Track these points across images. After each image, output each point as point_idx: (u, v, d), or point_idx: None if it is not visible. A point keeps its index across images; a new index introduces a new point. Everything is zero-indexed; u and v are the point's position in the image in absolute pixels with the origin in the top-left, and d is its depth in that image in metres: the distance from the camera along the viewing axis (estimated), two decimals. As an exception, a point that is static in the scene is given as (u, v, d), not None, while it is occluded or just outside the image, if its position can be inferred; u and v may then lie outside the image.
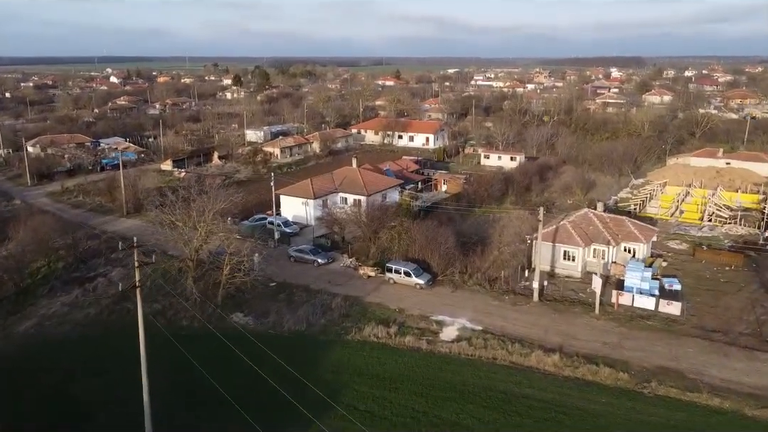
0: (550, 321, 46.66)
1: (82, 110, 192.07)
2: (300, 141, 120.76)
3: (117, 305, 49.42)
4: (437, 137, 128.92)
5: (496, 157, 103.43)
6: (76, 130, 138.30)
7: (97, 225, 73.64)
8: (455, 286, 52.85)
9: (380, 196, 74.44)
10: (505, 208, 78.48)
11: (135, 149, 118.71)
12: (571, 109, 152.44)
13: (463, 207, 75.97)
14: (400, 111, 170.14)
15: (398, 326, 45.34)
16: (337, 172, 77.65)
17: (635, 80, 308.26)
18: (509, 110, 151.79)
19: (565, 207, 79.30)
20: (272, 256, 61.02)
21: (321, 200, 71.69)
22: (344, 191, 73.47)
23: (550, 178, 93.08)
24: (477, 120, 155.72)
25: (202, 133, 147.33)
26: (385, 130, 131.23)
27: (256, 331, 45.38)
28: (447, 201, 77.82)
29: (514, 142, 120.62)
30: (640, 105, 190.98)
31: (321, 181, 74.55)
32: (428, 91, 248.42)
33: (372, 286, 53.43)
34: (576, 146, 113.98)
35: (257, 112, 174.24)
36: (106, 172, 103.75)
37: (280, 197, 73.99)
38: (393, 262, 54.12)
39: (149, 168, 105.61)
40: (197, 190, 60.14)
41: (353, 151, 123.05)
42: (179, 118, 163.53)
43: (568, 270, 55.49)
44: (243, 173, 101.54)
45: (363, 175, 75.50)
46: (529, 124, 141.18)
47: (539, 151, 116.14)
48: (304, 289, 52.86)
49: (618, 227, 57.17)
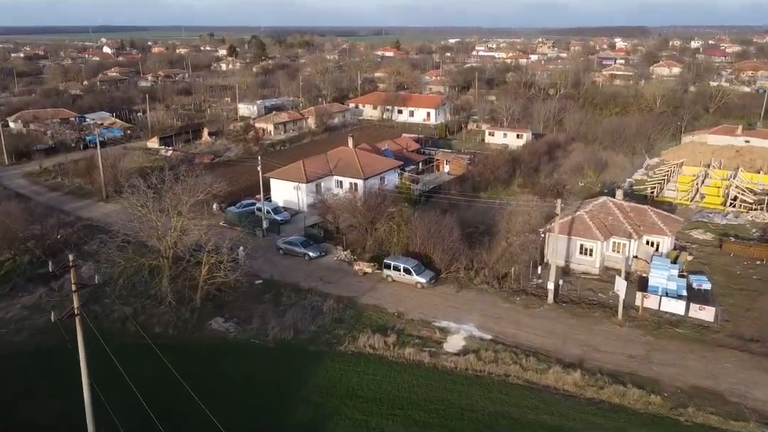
0: (567, 328, 41.34)
1: (71, 82, 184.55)
2: (294, 116, 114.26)
3: (83, 308, 43.89)
4: (439, 112, 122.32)
5: (502, 134, 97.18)
6: (61, 104, 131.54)
7: (73, 210, 68.01)
8: (460, 285, 47.43)
9: (378, 179, 68.62)
10: (512, 191, 72.76)
11: (121, 125, 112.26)
12: (578, 81, 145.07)
13: (467, 191, 70.18)
14: (400, 84, 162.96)
15: (397, 334, 40.05)
16: (332, 153, 71.62)
17: (641, 51, 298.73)
18: (514, 83, 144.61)
19: (576, 190, 73.57)
20: (260, 248, 55.47)
21: (314, 184, 65.89)
22: (339, 174, 67.59)
23: (559, 158, 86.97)
24: (480, 93, 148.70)
25: (193, 107, 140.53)
26: (384, 104, 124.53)
27: (237, 341, 40.16)
28: (450, 184, 71.97)
29: (520, 117, 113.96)
30: (648, 77, 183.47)
31: (314, 162, 68.58)
32: (429, 63, 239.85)
33: (368, 284, 48.02)
34: (585, 122, 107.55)
35: (252, 85, 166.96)
36: (90, 150, 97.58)
37: (270, 181, 68.15)
38: (391, 258, 48.60)
39: (135, 146, 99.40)
40: (177, 173, 53.64)
41: (350, 127, 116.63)
42: (170, 90, 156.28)
43: (584, 265, 50.04)
44: (233, 151, 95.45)
45: (359, 156, 69.51)
46: (535, 98, 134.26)
47: (546, 128, 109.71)
48: (292, 287, 47.46)
49: (640, 218, 51.52)
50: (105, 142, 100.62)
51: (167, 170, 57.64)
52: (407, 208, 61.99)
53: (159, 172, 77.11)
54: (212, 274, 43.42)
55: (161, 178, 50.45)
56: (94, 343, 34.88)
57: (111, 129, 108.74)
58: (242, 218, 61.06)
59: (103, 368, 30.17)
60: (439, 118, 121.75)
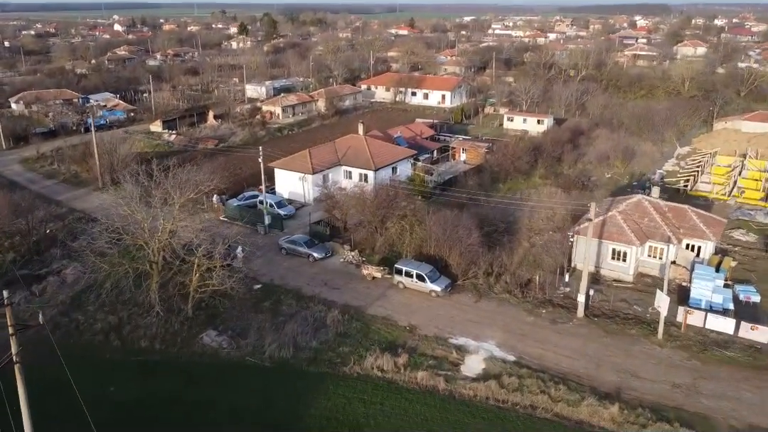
0: (601, 348, 36.54)
1: (78, 61, 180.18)
2: (304, 99, 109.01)
3: (64, 317, 40.00)
4: (454, 95, 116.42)
5: (521, 119, 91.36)
6: (65, 85, 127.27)
7: (66, 201, 63.93)
8: (479, 294, 42.66)
9: (390, 169, 63.67)
10: (533, 183, 67.48)
11: (124, 107, 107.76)
12: (600, 62, 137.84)
13: (485, 183, 65.02)
14: (414, 64, 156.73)
15: (409, 353, 35.49)
16: (341, 141, 66.63)
17: (663, 30, 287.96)
18: (532, 64, 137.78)
19: (603, 182, 68.10)
20: (261, 247, 51.05)
21: (321, 175, 61.10)
22: (348, 164, 62.69)
23: (582, 146, 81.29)
24: (497, 74, 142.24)
25: (201, 87, 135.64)
26: (397, 86, 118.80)
27: (230, 358, 35.86)
28: (467, 175, 66.79)
29: (539, 101, 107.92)
30: (672, 58, 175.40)
31: (321, 151, 63.69)
32: (444, 42, 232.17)
33: (377, 291, 43.42)
34: (609, 106, 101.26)
35: (261, 65, 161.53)
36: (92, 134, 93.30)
37: (274, 171, 63.48)
38: (403, 263, 43.86)
39: (137, 129, 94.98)
40: (166, 166, 49.06)
41: (361, 110, 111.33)
42: (178, 70, 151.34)
43: (616, 272, 45.02)
44: (239, 136, 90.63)
45: (370, 144, 64.48)
46: (555, 80, 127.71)
47: (567, 112, 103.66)
48: (294, 294, 43.00)
49: (678, 219, 46.24)
50: (107, 125, 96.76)
51: (158, 163, 52.53)
52: (421, 201, 57.31)
53: (158, 160, 73.06)
54: (204, 282, 38.98)
55: (152, 172, 45.54)
56: (79, 360, 31.05)
57: (114, 111, 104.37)
58: (243, 213, 56.52)
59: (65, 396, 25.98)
60: (455, 101, 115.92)
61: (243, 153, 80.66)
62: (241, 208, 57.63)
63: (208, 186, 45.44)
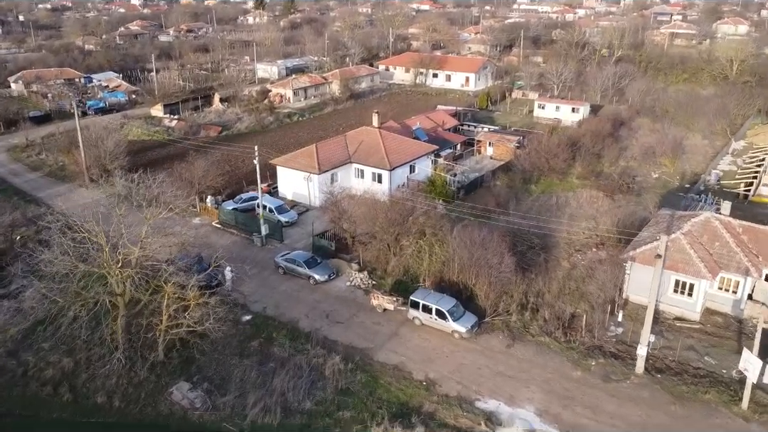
0: (669, 421, 28.58)
1: (89, 36, 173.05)
2: (317, 81, 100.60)
3: (12, 358, 33.09)
4: (479, 77, 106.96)
5: (554, 107, 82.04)
6: (70, 63, 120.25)
7: (47, 198, 57.00)
8: (512, 336, 34.77)
9: (407, 167, 55.58)
10: (570, 183, 58.89)
11: (126, 88, 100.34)
12: (638, 42, 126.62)
13: (515, 184, 56.66)
14: (436, 42, 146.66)
15: (425, 424, 27.94)
16: (352, 134, 58.52)
17: (698, 5, 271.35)
18: (563, 43, 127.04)
19: (649, 183, 59.26)
20: (256, 262, 43.61)
21: (329, 174, 53.24)
22: (360, 162, 54.69)
23: (623, 138, 72.12)
24: (525, 54, 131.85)
25: (210, 66, 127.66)
26: (417, 67, 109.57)
27: (203, 423, 28.63)
28: (494, 174, 58.41)
29: (572, 85, 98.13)
30: (713, 36, 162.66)
31: (330, 146, 55.70)
32: (467, 17, 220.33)
33: (388, 327, 35.80)
34: (650, 92, 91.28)
35: (276, 41, 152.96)
36: (89, 118, 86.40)
37: (276, 169, 55.79)
38: (421, 294, 36.04)
39: (137, 114, 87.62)
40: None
41: (379, 93, 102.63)
42: (188, 47, 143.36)
43: (679, 308, 36.79)
44: (245, 122, 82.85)
45: (385, 139, 56.30)
46: (588, 61, 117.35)
47: (603, 98, 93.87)
48: (289, 330, 35.59)
49: (757, 243, 37.63)
50: (107, 109, 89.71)
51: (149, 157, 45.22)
52: (442, 206, 49.33)
53: (153, 151, 65.90)
54: (177, 321, 31.65)
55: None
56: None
57: (115, 93, 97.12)
58: (239, 218, 49.03)
59: None
60: (480, 83, 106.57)
61: (248, 140, 73.13)
62: (237, 212, 50.14)
63: (180, 203, 37.48)
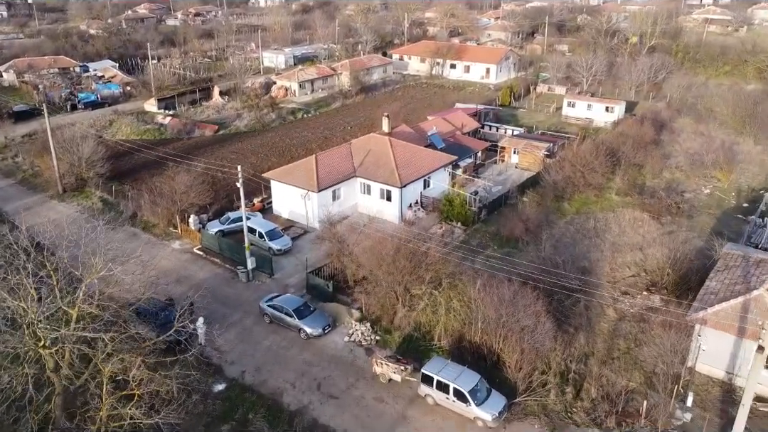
0: None
1: (94, 20, 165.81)
2: (325, 72, 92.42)
3: None
4: (500, 68, 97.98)
5: (585, 105, 73.19)
6: (67, 50, 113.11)
7: (14, 212, 50.00)
8: (552, 424, 27.15)
9: (421, 182, 47.75)
10: (608, 201, 50.65)
11: (121, 80, 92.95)
12: (674, 29, 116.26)
13: (545, 201, 48.59)
14: (453, 28, 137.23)
15: None
16: (359, 142, 50.68)
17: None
18: (592, 30, 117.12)
19: (701, 202, 50.79)
20: (239, 304, 36.34)
21: (331, 191, 45.58)
22: (366, 176, 46.92)
23: (665, 143, 63.49)
24: (549, 42, 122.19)
25: (215, 54, 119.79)
26: (433, 57, 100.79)
27: None
28: (522, 190, 50.35)
29: (603, 78, 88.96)
30: (750, 23, 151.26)
31: (333, 157, 47.93)
32: (486, 1, 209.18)
33: (394, 407, 28.32)
34: (690, 87, 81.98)
35: (285, 26, 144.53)
36: (79, 112, 79.44)
37: (271, 183, 48.27)
38: (435, 365, 28.42)
39: (129, 109, 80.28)
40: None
41: (392, 86, 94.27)
42: (193, 33, 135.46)
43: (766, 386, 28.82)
44: (244, 120, 75.21)
45: (395, 148, 48.42)
46: (619, 51, 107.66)
47: (638, 93, 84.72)
48: (269, 407, 28.28)
49: None
50: (99, 102, 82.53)
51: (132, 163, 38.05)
52: (461, 230, 41.68)
53: (137, 153, 58.93)
54: (119, 410, 24.39)
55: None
56: None
57: (108, 84, 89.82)
58: (223, 245, 41.62)
59: None
60: (501, 75, 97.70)
61: (246, 141, 65.66)
62: (221, 237, 42.75)
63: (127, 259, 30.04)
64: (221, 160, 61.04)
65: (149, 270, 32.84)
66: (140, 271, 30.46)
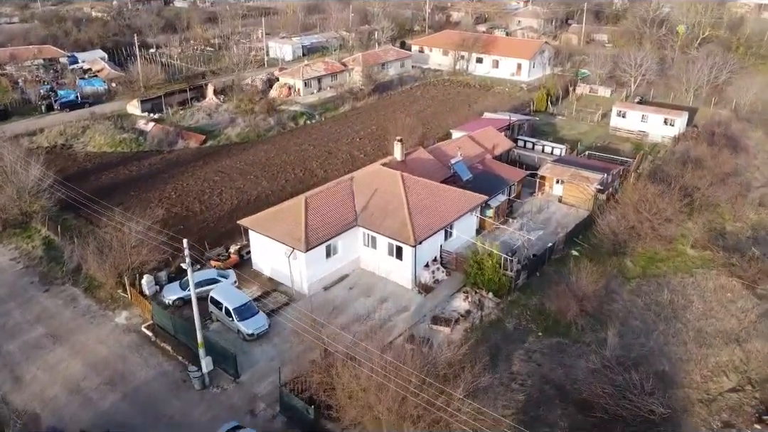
0: None
1: (98, 3, 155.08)
2: (333, 68, 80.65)
3: None
4: (534, 64, 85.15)
5: (638, 116, 60.54)
6: (59, 37, 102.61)
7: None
8: None
9: (442, 233, 36.45)
10: (681, 255, 38.84)
11: (107, 74, 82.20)
12: (733, 19, 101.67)
13: (602, 256, 36.97)
14: (479, 15, 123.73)
15: None
16: (362, 177, 39.23)
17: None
18: (636, 19, 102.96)
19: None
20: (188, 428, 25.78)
21: (324, 246, 34.53)
22: (371, 226, 35.71)
23: (741, 168, 51.13)
24: (586, 31, 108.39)
25: (219, 42, 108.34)
26: (457, 49, 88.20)
27: None
28: (568, 240, 38.79)
29: (652, 78, 75.96)
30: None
31: (328, 200, 36.64)
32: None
33: None
34: (756, 90, 68.72)
35: (298, 9, 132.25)
36: (55, 114, 69.10)
37: (249, 233, 37.31)
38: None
39: (109, 110, 69.57)
40: None
41: (410, 83, 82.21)
42: (197, 17, 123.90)
43: None
44: (238, 127, 64.12)
45: (409, 188, 37.09)
46: (667, 44, 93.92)
47: (697, 97, 71.66)
48: None
49: None
50: (79, 102, 71.93)
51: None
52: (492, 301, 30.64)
53: (99, 174, 48.55)
54: None
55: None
56: None
57: (92, 80, 79.13)
58: (178, 326, 30.83)
59: None
60: (535, 72, 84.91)
61: (234, 157, 54.70)
62: (183, 305, 32.01)
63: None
64: (202, 184, 50.41)
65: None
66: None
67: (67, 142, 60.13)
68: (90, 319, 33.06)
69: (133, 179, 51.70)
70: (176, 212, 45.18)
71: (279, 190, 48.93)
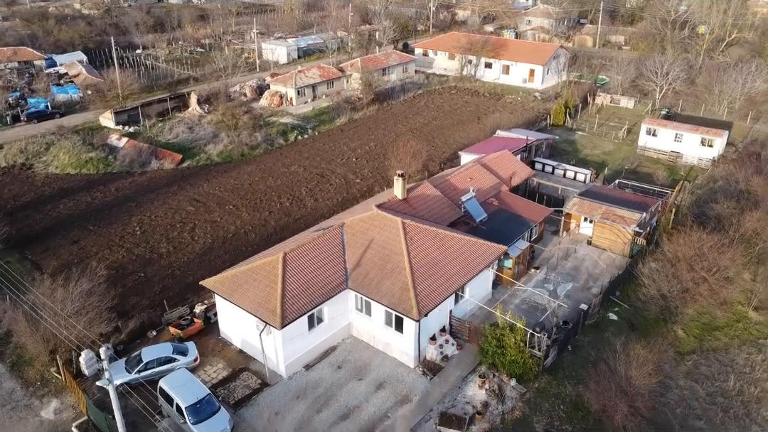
0: None
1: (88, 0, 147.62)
2: (330, 75, 73.24)
3: None
4: (548, 71, 77.64)
5: (671, 135, 53.07)
6: (40, 36, 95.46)
7: None
8: None
9: (452, 298, 29.25)
10: (742, 320, 31.60)
11: (83, 80, 74.90)
12: (759, 21, 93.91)
13: (648, 323, 29.80)
14: (488, 14, 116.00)
15: None
16: (356, 224, 31.93)
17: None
18: (656, 20, 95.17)
19: None
20: None
21: (306, 317, 27.40)
22: (364, 290, 28.52)
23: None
24: (602, 32, 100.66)
25: (209, 43, 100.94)
26: (464, 53, 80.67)
27: None
28: (603, 301, 31.63)
29: (679, 88, 68.47)
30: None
31: (311, 257, 29.39)
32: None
33: None
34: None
35: (296, 6, 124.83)
36: (20, 126, 62.08)
37: (216, 299, 30.21)
38: None
39: (81, 123, 62.46)
40: None
41: (413, 91, 74.73)
42: (188, 15, 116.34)
43: None
44: (220, 143, 56.89)
45: (412, 240, 29.90)
46: (691, 48, 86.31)
47: (731, 111, 64.18)
48: None
49: None
50: (48, 113, 64.84)
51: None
52: (517, 391, 23.56)
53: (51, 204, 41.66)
54: None
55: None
56: None
57: (66, 87, 71.93)
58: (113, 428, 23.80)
59: None
60: (549, 79, 77.41)
61: (201, 195, 47.49)
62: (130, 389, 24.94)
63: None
64: (173, 216, 43.30)
65: None
66: None
67: (28, 161, 53.10)
68: (10, 412, 26.09)
69: (95, 209, 44.63)
70: (138, 254, 38.11)
71: (260, 225, 41.84)
